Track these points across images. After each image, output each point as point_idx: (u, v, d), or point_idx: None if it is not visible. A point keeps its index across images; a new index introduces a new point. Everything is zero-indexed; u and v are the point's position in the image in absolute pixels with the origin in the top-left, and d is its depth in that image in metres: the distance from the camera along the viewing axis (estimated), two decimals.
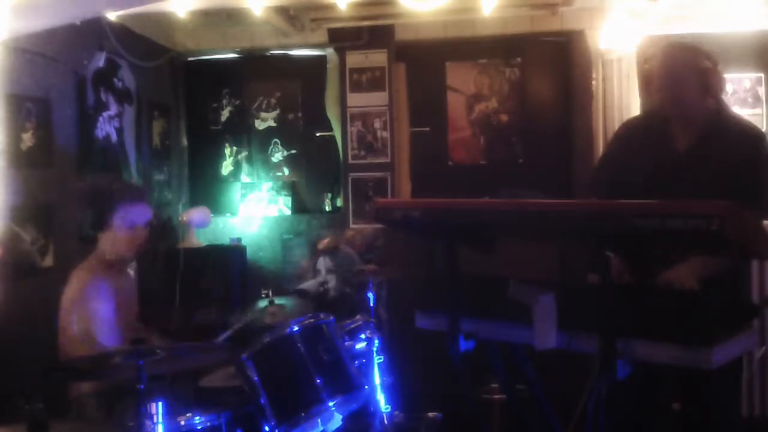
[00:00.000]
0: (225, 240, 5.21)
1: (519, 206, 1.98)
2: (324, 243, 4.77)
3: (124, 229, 2.90)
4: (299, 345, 2.63)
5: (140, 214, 2.97)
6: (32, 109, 3.59)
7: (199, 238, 5.03)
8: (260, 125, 5.53)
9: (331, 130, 5.32)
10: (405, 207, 2.30)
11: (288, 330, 2.64)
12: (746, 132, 2.60)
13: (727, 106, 2.74)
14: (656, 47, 2.69)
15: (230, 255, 4.99)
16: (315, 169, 5.50)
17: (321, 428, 2.58)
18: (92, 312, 2.79)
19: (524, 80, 5.31)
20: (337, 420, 2.65)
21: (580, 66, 5.08)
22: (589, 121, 5.02)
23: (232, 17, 4.87)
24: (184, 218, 4.98)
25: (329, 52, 5.22)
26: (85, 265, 2.93)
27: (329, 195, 5.49)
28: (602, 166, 2.97)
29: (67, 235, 3.77)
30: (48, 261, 3.65)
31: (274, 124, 5.52)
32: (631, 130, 2.88)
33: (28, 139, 3.55)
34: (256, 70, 5.51)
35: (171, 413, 2.30)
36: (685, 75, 2.57)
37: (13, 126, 3.44)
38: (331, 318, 2.81)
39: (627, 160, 2.75)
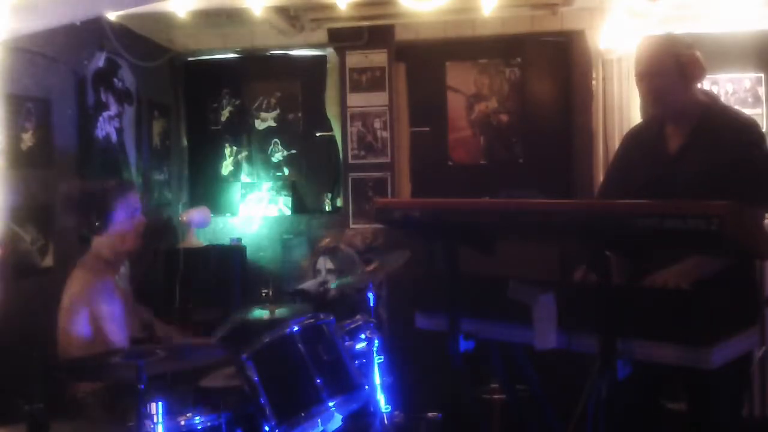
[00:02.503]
0: (225, 240, 5.21)
1: (519, 206, 1.98)
2: (324, 243, 4.78)
3: (126, 222, 2.94)
4: (299, 345, 2.62)
5: (135, 203, 3.02)
6: (32, 109, 3.59)
7: (199, 238, 5.03)
8: (260, 125, 5.53)
9: (331, 130, 5.32)
10: (405, 207, 2.30)
11: (288, 330, 2.64)
12: (735, 123, 2.55)
13: (717, 99, 2.73)
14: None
15: (230, 255, 4.99)
16: (315, 169, 5.50)
17: (321, 428, 2.58)
18: (102, 312, 2.81)
19: (524, 80, 5.30)
20: (337, 420, 2.65)
21: (580, 66, 5.08)
22: (589, 121, 5.01)
23: (232, 17, 4.86)
24: (184, 218, 4.98)
25: (329, 52, 5.22)
26: (85, 266, 2.93)
27: (329, 195, 5.49)
28: (607, 177, 2.97)
29: (67, 235, 3.77)
30: (48, 261, 3.65)
31: (274, 124, 5.52)
32: (631, 138, 2.88)
33: (28, 139, 3.55)
34: (256, 70, 5.51)
35: (171, 413, 2.30)
36: (664, 66, 2.55)
37: (13, 126, 3.44)
38: (331, 318, 2.81)
39: (628, 169, 2.75)
